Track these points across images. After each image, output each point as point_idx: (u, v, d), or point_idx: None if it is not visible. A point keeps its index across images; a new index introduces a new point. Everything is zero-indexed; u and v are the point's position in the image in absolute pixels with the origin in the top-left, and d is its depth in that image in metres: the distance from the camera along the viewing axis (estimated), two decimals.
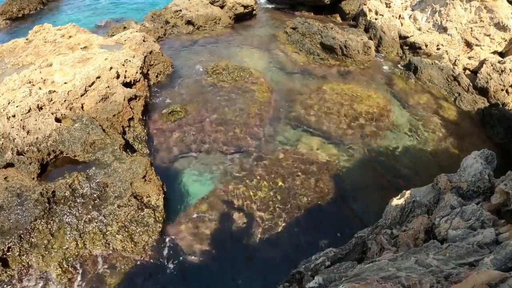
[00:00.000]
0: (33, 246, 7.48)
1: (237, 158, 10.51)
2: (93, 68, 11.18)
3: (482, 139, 12.18)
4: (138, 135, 10.78)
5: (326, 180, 9.99)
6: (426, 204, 5.91)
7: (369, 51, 15.66)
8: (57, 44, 13.26)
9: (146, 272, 7.67)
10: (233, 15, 19.79)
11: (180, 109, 12.00)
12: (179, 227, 8.56)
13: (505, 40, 14.83)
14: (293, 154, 10.75)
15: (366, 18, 18.58)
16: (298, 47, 16.80)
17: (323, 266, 5.95)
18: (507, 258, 3.32)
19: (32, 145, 8.99)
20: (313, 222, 8.96)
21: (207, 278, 7.70)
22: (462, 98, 13.65)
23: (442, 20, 16.31)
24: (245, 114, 12.16)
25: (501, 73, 13.20)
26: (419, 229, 5.24)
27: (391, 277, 3.40)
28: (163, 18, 18.66)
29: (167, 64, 14.46)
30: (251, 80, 13.94)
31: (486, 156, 5.92)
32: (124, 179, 8.65)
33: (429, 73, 14.65)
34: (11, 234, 7.37)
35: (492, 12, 14.73)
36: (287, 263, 7.76)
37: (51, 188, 8.16)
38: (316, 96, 13.41)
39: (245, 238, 8.45)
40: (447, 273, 3.35)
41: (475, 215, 4.71)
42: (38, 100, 9.73)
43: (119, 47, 13.66)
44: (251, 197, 9.34)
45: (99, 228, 7.94)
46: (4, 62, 12.50)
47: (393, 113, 12.87)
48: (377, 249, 5.56)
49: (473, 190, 5.47)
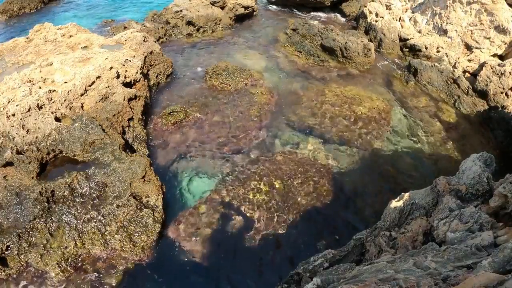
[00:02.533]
0: (32, 245, 7.47)
1: (236, 159, 10.52)
2: (93, 68, 11.18)
3: (481, 142, 12.20)
4: (138, 135, 10.78)
5: (325, 182, 10.00)
6: (425, 207, 5.92)
7: (369, 53, 15.69)
8: (58, 43, 13.26)
9: (145, 272, 7.67)
10: (233, 16, 19.82)
11: (180, 109, 12.01)
12: (178, 227, 8.56)
13: (505, 43, 14.86)
14: (292, 155, 10.76)
15: (366, 20, 18.62)
16: (298, 48, 16.82)
17: (322, 267, 5.95)
18: (505, 260, 3.33)
19: (32, 144, 8.99)
20: (312, 223, 8.97)
21: (206, 279, 7.70)
22: (461, 101, 13.68)
23: (442, 22, 16.34)
24: (245, 115, 12.17)
25: (501, 76, 13.22)
26: (418, 231, 5.25)
27: (389, 279, 3.41)
28: (164, 18, 18.68)
29: (167, 65, 14.47)
30: (251, 81, 13.95)
31: (485, 159, 5.93)
32: (123, 179, 8.66)
33: (429, 75, 14.67)
34: (10, 233, 7.37)
35: (492, 15, 14.77)
36: (286, 265, 7.78)
37: (50, 187, 8.16)
38: (316, 98, 13.43)
39: (243, 239, 8.45)
40: (445, 276, 3.36)
41: (474, 218, 4.72)
42: (38, 99, 9.73)
43: (120, 47, 13.67)
44: (250, 199, 9.35)
45: (98, 228, 7.94)
46: (4, 61, 12.50)
47: (393, 115, 12.89)
48: (375, 251, 5.56)
49: (472, 193, 5.48)
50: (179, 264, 7.88)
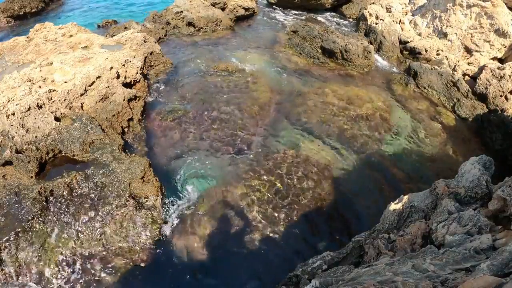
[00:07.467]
0: (30, 244, 7.46)
1: (236, 159, 10.51)
2: (93, 68, 11.19)
3: (480, 145, 12.21)
4: (137, 135, 10.79)
5: (324, 183, 10.00)
6: (424, 209, 5.92)
7: (369, 56, 15.72)
8: (58, 43, 13.28)
9: (144, 273, 7.66)
10: (234, 17, 19.86)
11: (180, 110, 12.01)
12: (177, 228, 8.55)
13: (505, 46, 14.90)
14: (292, 156, 10.76)
15: (366, 23, 18.66)
16: (298, 50, 16.85)
17: (320, 269, 5.95)
18: (504, 264, 3.33)
19: (31, 144, 8.98)
20: (311, 225, 8.96)
21: (204, 279, 7.68)
22: (461, 104, 13.69)
23: (442, 25, 16.38)
24: (245, 116, 12.17)
25: (500, 79, 13.25)
26: (417, 234, 5.25)
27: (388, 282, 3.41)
28: (164, 19, 18.72)
29: (167, 65, 14.48)
30: (251, 82, 13.97)
31: (484, 162, 5.93)
32: (122, 180, 8.65)
33: (429, 78, 14.70)
34: (8, 232, 7.36)
35: (492, 19, 14.81)
36: (284, 266, 7.76)
37: (49, 187, 8.15)
38: (316, 98, 13.44)
39: (242, 240, 8.44)
40: (444, 278, 3.36)
41: (472, 221, 4.72)
42: (38, 98, 9.73)
43: (120, 47, 13.68)
44: (250, 199, 9.34)
45: (97, 228, 7.93)
46: (4, 60, 12.50)
47: (392, 118, 12.91)
48: (374, 254, 5.56)
49: (471, 196, 5.48)
50: (178, 265, 7.86)
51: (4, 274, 7.24)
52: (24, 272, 7.31)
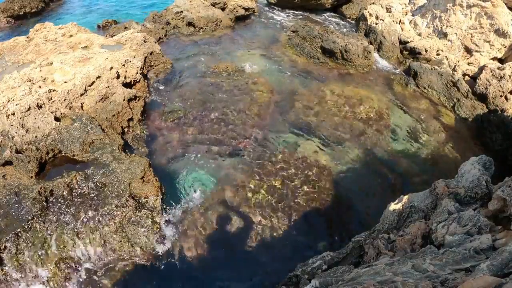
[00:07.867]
0: (30, 244, 7.46)
1: (236, 159, 10.52)
2: (93, 68, 11.19)
3: (480, 145, 12.22)
4: (137, 135, 10.79)
5: (324, 183, 10.00)
6: (424, 209, 5.92)
7: (369, 56, 15.71)
8: (58, 43, 13.28)
9: (143, 273, 7.66)
10: (234, 17, 19.86)
11: (179, 110, 12.02)
12: (177, 228, 8.55)
13: (505, 46, 14.90)
14: (292, 155, 10.77)
15: (366, 23, 18.65)
16: (298, 50, 16.84)
17: (320, 269, 5.95)
18: (503, 264, 3.33)
19: (31, 144, 8.98)
20: (311, 225, 8.96)
21: (204, 280, 7.69)
22: (461, 104, 13.70)
23: (442, 25, 16.38)
24: (245, 116, 12.17)
25: (500, 79, 13.26)
26: (416, 234, 5.25)
27: (388, 282, 3.41)
28: (164, 19, 18.72)
29: (167, 65, 14.48)
30: (251, 82, 13.96)
31: (484, 162, 5.94)
32: (122, 180, 8.65)
33: (429, 78, 14.70)
34: (8, 232, 7.35)
35: (493, 19, 14.80)
36: (284, 266, 7.75)
37: (49, 187, 8.15)
38: (316, 99, 13.45)
39: (242, 240, 8.44)
40: (444, 279, 3.36)
41: (472, 221, 4.72)
42: (38, 98, 9.72)
43: (120, 47, 13.68)
44: (250, 199, 9.35)
45: (97, 228, 7.93)
46: (4, 60, 12.50)
47: (392, 118, 12.91)
48: (374, 254, 5.56)
49: (471, 196, 5.49)
50: (177, 265, 7.86)
51: (4, 274, 7.24)
52: (24, 272, 7.31)
